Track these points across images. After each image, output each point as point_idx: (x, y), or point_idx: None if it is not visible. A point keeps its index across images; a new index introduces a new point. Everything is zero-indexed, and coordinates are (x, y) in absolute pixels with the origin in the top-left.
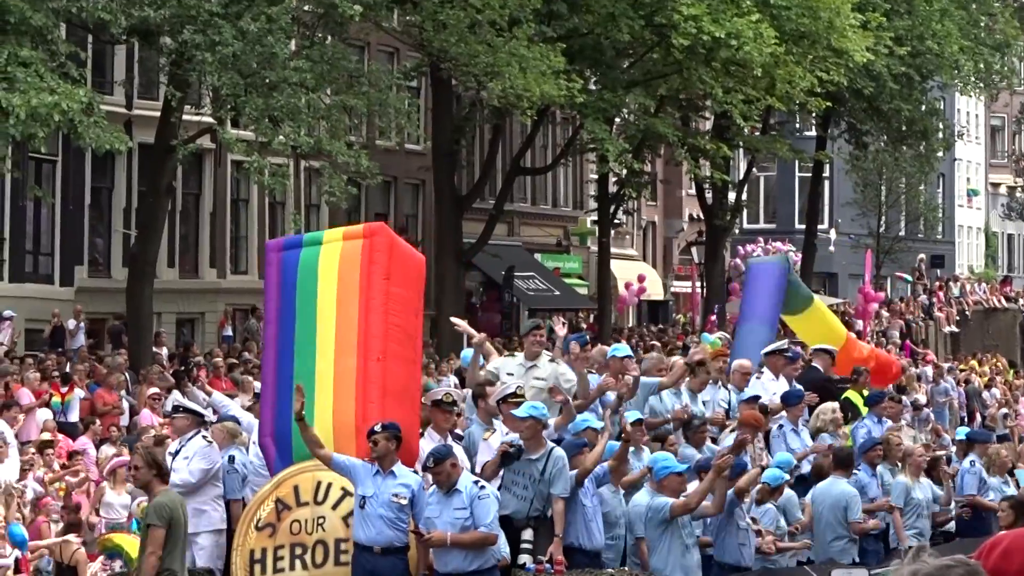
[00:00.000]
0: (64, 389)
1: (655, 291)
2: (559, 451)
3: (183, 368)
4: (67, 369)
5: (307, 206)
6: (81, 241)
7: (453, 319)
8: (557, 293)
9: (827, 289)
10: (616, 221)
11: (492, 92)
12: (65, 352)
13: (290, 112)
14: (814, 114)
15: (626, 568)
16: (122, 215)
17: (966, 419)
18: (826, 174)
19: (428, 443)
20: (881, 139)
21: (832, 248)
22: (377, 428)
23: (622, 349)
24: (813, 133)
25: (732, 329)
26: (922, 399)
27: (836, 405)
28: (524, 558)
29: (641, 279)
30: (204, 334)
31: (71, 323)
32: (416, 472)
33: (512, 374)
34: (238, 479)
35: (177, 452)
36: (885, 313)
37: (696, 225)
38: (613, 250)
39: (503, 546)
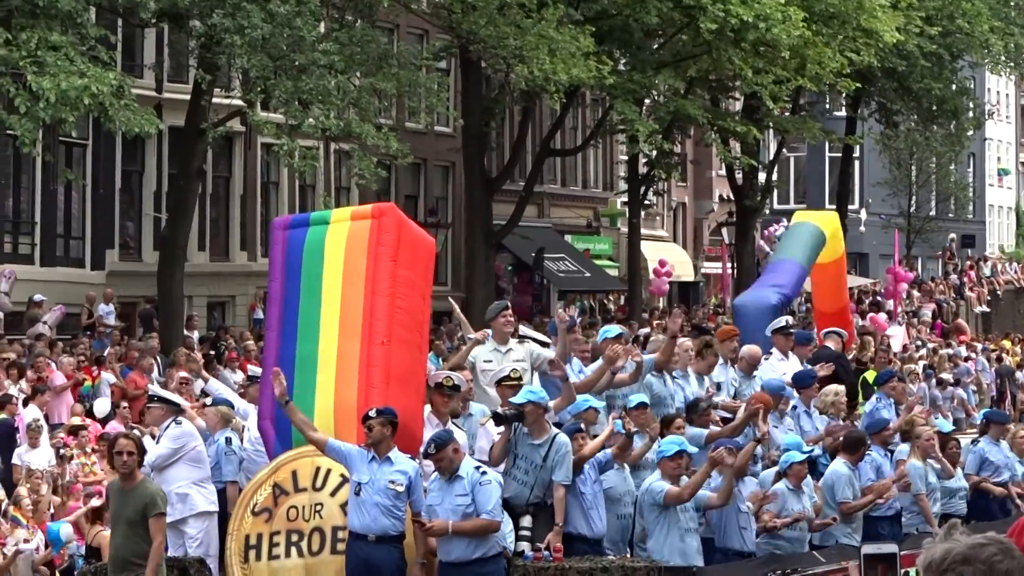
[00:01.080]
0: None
1: (685, 272)
2: (563, 437)
3: (213, 352)
4: (103, 353)
5: (337, 188)
6: (112, 225)
7: (452, 303)
8: (587, 275)
9: (858, 269)
10: (646, 202)
11: (520, 76)
12: (95, 336)
13: (320, 95)
14: (844, 94)
15: (628, 555)
16: (153, 198)
17: (995, 399)
18: (856, 154)
19: (427, 427)
20: (911, 118)
21: (863, 228)
22: (372, 413)
23: (613, 330)
24: (843, 113)
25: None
26: (947, 377)
27: (840, 388)
28: (523, 545)
29: (662, 264)
30: (235, 317)
31: (102, 307)
32: (414, 459)
33: (490, 360)
34: (235, 460)
35: (158, 443)
36: (916, 293)
37: (726, 206)
38: (643, 231)
39: (506, 534)
